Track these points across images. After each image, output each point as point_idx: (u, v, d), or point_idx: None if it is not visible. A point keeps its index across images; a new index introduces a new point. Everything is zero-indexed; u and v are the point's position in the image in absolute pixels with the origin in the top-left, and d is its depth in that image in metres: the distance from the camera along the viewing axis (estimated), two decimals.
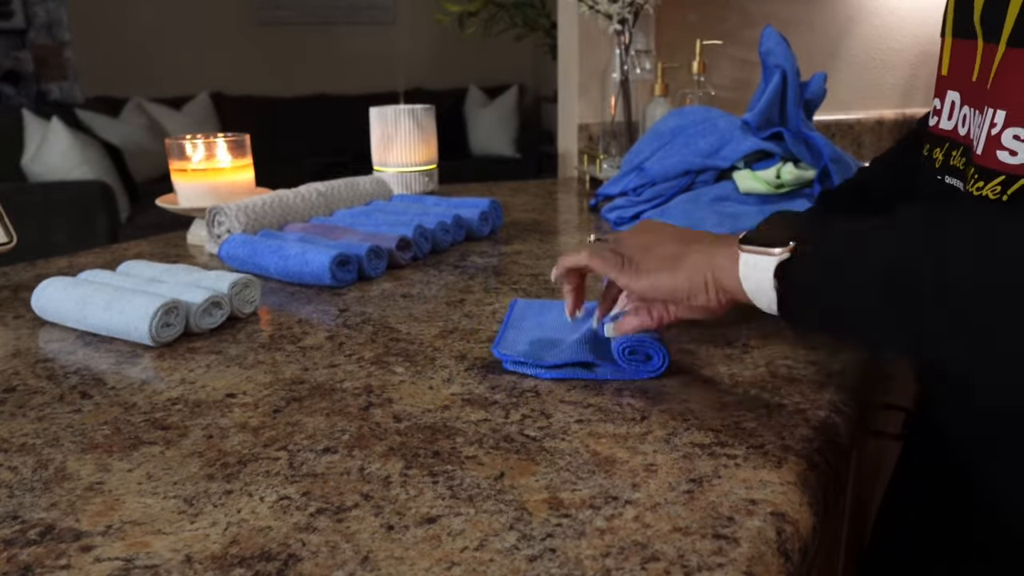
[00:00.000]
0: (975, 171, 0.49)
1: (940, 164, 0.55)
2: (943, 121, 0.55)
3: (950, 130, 0.54)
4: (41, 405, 0.56)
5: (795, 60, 0.98)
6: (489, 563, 0.37)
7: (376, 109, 1.15)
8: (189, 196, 1.00)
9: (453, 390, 0.57)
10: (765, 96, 0.98)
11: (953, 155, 0.53)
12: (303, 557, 0.38)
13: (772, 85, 0.98)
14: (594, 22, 1.33)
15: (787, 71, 0.98)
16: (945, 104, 0.54)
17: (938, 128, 0.55)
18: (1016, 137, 0.45)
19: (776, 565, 0.38)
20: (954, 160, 0.53)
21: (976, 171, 0.48)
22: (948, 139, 0.54)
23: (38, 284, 0.73)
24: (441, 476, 0.45)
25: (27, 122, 3.18)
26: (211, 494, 0.44)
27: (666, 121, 1.12)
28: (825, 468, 0.47)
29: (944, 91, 0.55)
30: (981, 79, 0.49)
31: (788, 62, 0.98)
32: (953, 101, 0.53)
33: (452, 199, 1.06)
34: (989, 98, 0.48)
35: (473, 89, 4.67)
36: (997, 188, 0.46)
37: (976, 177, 0.48)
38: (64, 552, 0.39)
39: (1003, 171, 0.46)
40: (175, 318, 0.66)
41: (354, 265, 0.82)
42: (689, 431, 0.50)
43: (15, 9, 3.93)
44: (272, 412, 0.54)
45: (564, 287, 0.64)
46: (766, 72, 1.00)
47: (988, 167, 0.47)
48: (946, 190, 0.54)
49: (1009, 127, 0.46)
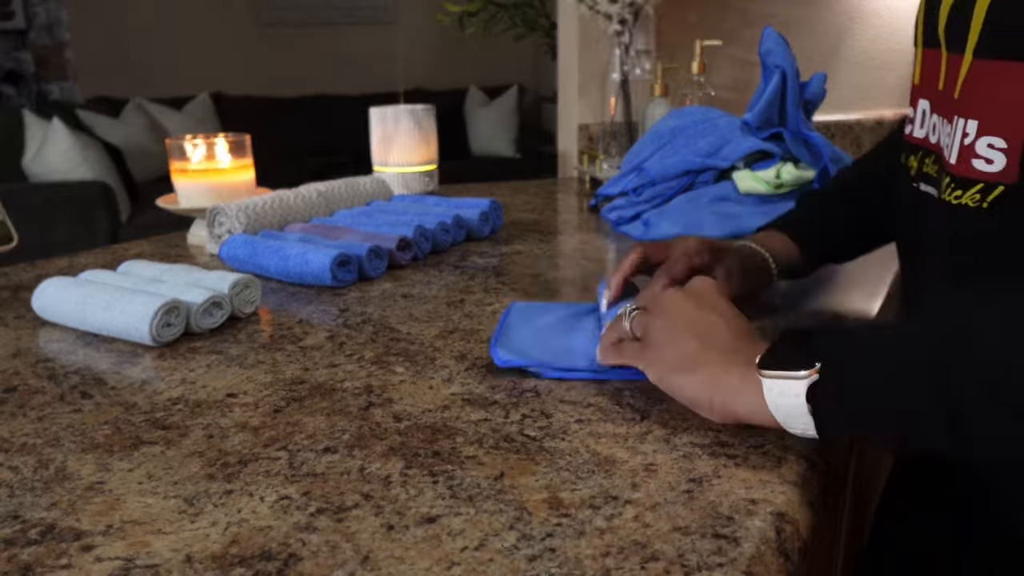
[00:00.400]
0: (950, 180, 0.50)
1: (915, 171, 0.56)
2: (916, 129, 0.56)
3: (922, 138, 0.55)
4: (41, 405, 0.56)
5: (795, 61, 0.98)
6: (489, 563, 0.37)
7: (376, 109, 1.15)
8: (189, 196, 1.00)
9: (453, 390, 0.57)
10: (765, 96, 0.98)
11: (926, 163, 0.54)
12: (303, 557, 0.38)
13: (772, 85, 0.98)
14: (594, 22, 1.33)
15: (787, 71, 0.98)
16: (918, 112, 0.55)
17: (912, 136, 0.57)
18: (991, 146, 0.46)
19: (776, 565, 0.38)
20: (927, 168, 0.54)
21: (952, 180, 0.49)
22: (921, 147, 0.55)
23: (38, 284, 0.73)
24: (441, 476, 0.45)
25: (27, 122, 3.18)
26: (211, 494, 0.44)
27: (665, 122, 1.12)
28: (825, 468, 0.47)
29: (916, 99, 0.56)
30: (948, 89, 0.50)
31: (788, 62, 0.98)
32: (924, 110, 0.55)
33: (452, 199, 1.06)
34: (958, 108, 0.49)
35: (473, 89, 4.67)
36: (976, 196, 0.47)
37: (952, 186, 0.49)
38: (64, 552, 0.39)
39: (980, 179, 0.47)
40: (176, 318, 0.66)
41: (354, 265, 0.82)
42: (689, 431, 0.50)
43: (15, 9, 3.93)
44: (272, 412, 0.54)
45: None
46: (766, 72, 1.00)
47: (964, 176, 0.48)
48: (920, 197, 0.55)
49: (983, 136, 0.47)
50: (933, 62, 0.53)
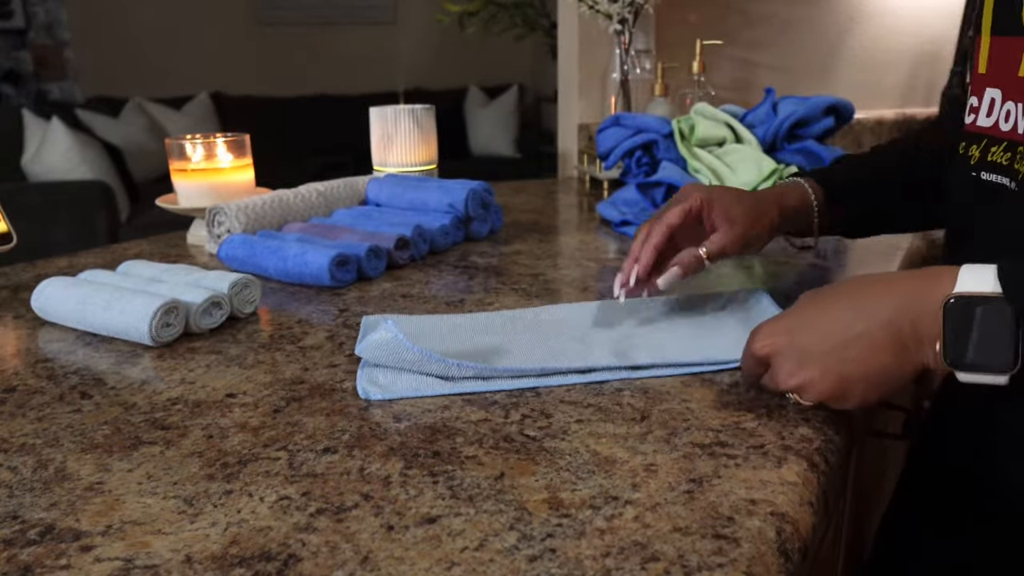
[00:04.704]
0: None
1: (976, 161, 0.55)
2: (981, 118, 0.55)
3: (989, 127, 0.54)
4: (41, 405, 0.56)
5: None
6: (489, 563, 0.37)
7: (376, 109, 1.15)
8: (189, 196, 1.00)
9: None
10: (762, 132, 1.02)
11: (993, 151, 0.53)
12: (303, 557, 0.38)
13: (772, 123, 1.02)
14: (594, 22, 1.33)
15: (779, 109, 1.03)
16: (984, 101, 0.54)
17: (975, 125, 0.55)
18: None
19: (776, 565, 0.38)
20: (994, 156, 0.53)
21: None
22: (986, 136, 0.54)
23: (38, 284, 0.73)
24: (441, 476, 0.45)
25: (27, 122, 3.18)
26: (211, 494, 0.44)
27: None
28: (825, 468, 0.47)
29: (983, 89, 0.55)
30: None
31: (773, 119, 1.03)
32: (993, 98, 0.53)
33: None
34: None
35: (473, 89, 4.67)
36: None
37: None
38: (64, 552, 0.39)
39: None
40: (175, 318, 0.66)
41: (353, 265, 0.82)
42: (689, 431, 0.50)
43: (15, 9, 3.93)
44: (272, 412, 0.54)
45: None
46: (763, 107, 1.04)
47: None
48: (985, 186, 0.54)
49: None
50: (1008, 49, 0.52)
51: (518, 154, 4.49)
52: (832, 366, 0.47)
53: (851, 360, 0.46)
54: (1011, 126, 0.51)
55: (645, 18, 1.34)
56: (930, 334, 0.44)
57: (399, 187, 1.04)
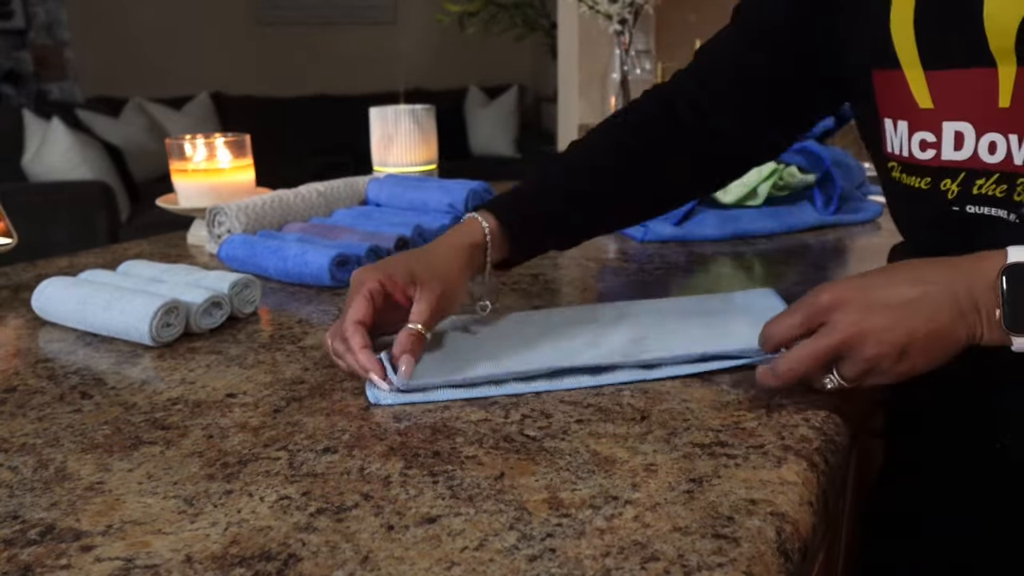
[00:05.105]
0: None
1: (956, 195, 0.53)
2: (946, 152, 0.53)
3: (965, 160, 0.52)
4: (41, 405, 0.56)
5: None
6: (489, 563, 0.37)
7: (376, 109, 1.15)
8: (189, 196, 1.00)
9: None
10: None
11: (978, 184, 0.52)
12: (303, 557, 0.38)
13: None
14: (594, 22, 1.33)
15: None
16: (944, 136, 0.53)
17: (938, 159, 0.54)
18: None
19: (776, 565, 0.38)
20: (983, 189, 0.52)
21: None
22: (964, 169, 0.53)
23: (38, 284, 0.73)
24: (441, 476, 0.45)
25: (27, 122, 3.18)
26: (211, 494, 0.44)
27: None
28: (825, 468, 0.47)
29: (936, 123, 0.53)
30: (1019, 105, 0.48)
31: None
32: (960, 132, 0.52)
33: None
34: None
35: (473, 89, 4.67)
36: None
37: None
38: (64, 552, 0.39)
39: None
40: (175, 318, 0.66)
41: (353, 265, 0.82)
42: (689, 431, 0.50)
43: (15, 9, 3.93)
44: (272, 412, 0.54)
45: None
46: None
47: None
48: (974, 220, 0.53)
49: None
50: (964, 82, 0.50)
51: (518, 154, 4.49)
52: (901, 319, 0.47)
53: (918, 316, 0.47)
54: (1001, 158, 0.50)
55: (645, 18, 1.34)
56: (987, 302, 0.46)
57: (399, 187, 1.04)
